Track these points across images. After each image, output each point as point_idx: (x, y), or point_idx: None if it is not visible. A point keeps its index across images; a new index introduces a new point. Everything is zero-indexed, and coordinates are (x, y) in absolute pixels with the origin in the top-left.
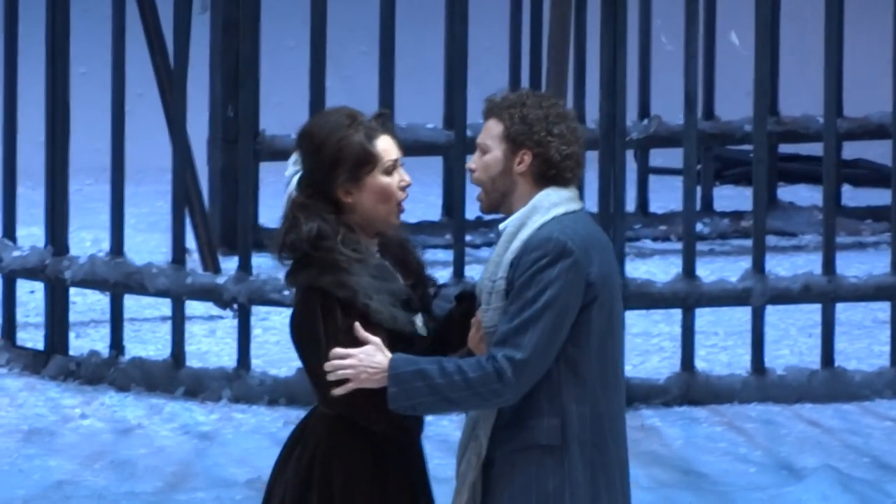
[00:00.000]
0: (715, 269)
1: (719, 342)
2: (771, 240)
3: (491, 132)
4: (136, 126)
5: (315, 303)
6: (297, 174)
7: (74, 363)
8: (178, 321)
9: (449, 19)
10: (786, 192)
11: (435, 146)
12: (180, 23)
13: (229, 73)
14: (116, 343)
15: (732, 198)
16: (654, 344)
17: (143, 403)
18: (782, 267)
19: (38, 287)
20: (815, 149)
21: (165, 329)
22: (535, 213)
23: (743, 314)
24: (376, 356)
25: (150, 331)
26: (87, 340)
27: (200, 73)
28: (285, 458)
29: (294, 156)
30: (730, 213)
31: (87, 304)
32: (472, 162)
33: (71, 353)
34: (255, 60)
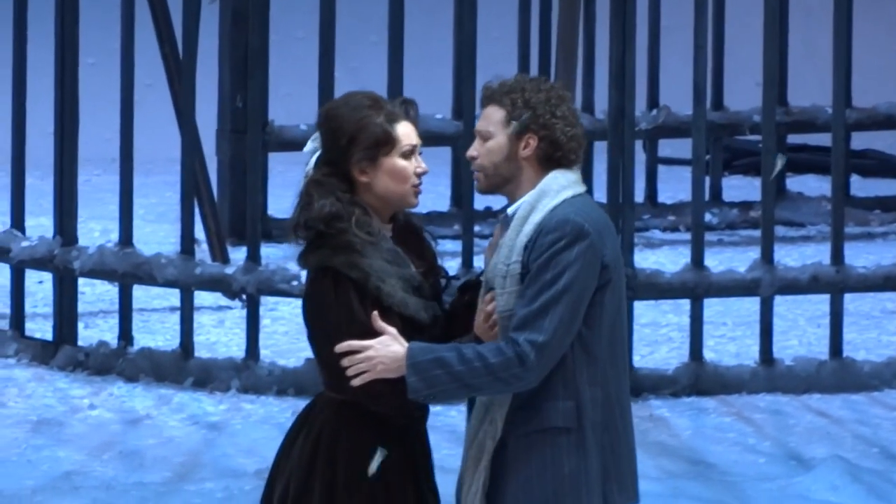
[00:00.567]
0: (723, 260)
1: (728, 332)
2: (779, 230)
3: (492, 118)
4: (145, 116)
5: (328, 283)
6: (317, 153)
7: (83, 353)
8: (186, 311)
9: (458, 9)
10: (794, 183)
11: (443, 136)
12: (189, 13)
13: (238, 63)
14: (125, 333)
15: (741, 188)
16: (662, 334)
17: (152, 394)
18: (791, 257)
19: (47, 277)
20: (823, 139)
21: (174, 319)
22: (545, 197)
23: (751, 304)
24: (392, 346)
25: (159, 321)
26: (96, 331)
27: (209, 64)
28: (290, 442)
29: (315, 134)
30: (738, 203)
31: (95, 294)
32: (472, 150)
33: (79, 343)
34: (264, 51)
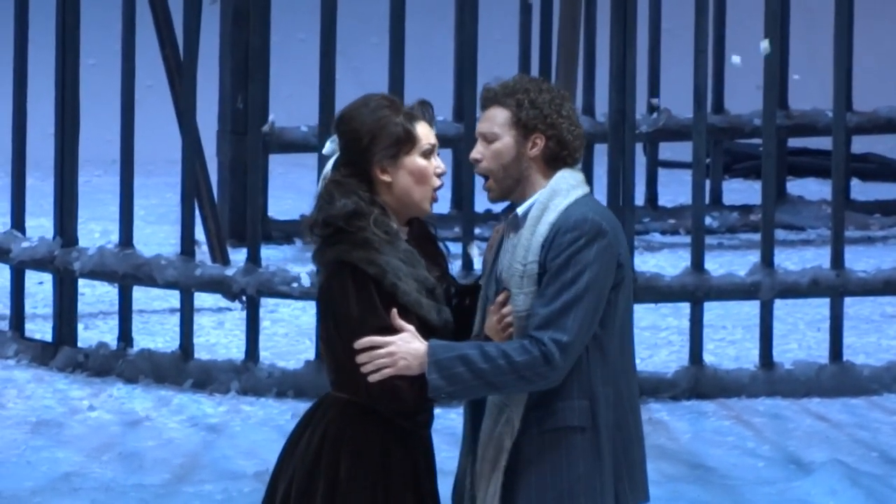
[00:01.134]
0: (724, 263)
1: (727, 336)
2: (780, 234)
3: (496, 120)
4: (146, 118)
5: (346, 278)
6: (335, 155)
7: (83, 355)
8: (186, 313)
9: (459, 11)
10: (795, 186)
11: (444, 139)
12: (190, 14)
13: (239, 64)
14: (125, 335)
15: (741, 191)
16: (662, 337)
17: (152, 395)
18: (791, 261)
19: (47, 278)
20: (824, 143)
21: (174, 321)
22: (557, 196)
23: (751, 308)
24: (413, 342)
25: (159, 323)
26: (96, 332)
27: (210, 65)
28: (294, 441)
29: (332, 137)
30: (739, 206)
31: (95, 295)
32: (475, 152)
33: (79, 344)
34: (264, 52)
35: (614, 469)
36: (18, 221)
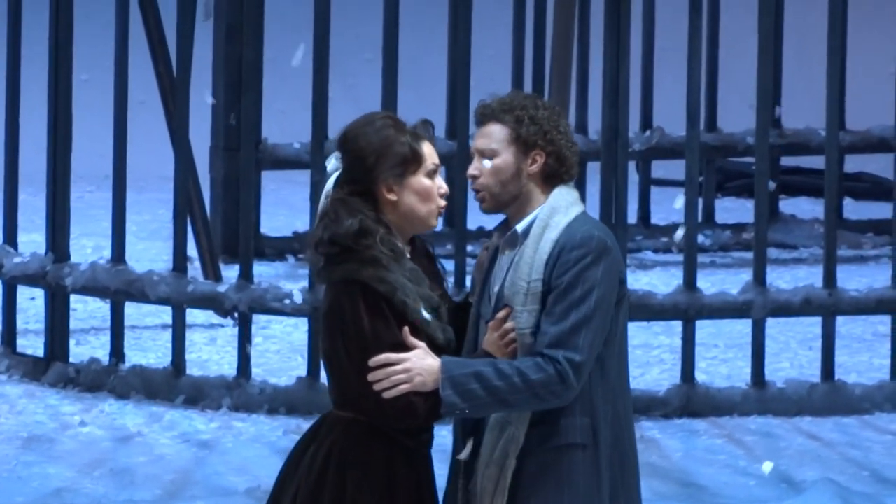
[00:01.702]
0: (716, 282)
1: (719, 354)
2: (772, 252)
3: (495, 136)
4: (138, 133)
5: (356, 296)
6: (337, 171)
7: (74, 370)
8: (178, 329)
9: (452, 28)
10: (787, 205)
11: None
12: (183, 30)
13: (232, 80)
14: (117, 351)
15: (734, 210)
16: (654, 356)
17: (143, 411)
18: (783, 279)
19: (39, 294)
20: (816, 161)
21: (166, 337)
22: (556, 213)
23: (743, 326)
24: (427, 359)
25: (151, 339)
26: (88, 348)
27: (203, 81)
28: (296, 460)
29: (335, 153)
30: (731, 225)
31: (87, 311)
32: (473, 168)
33: (71, 360)
34: (257, 68)
35: (611, 486)
36: (10, 237)
